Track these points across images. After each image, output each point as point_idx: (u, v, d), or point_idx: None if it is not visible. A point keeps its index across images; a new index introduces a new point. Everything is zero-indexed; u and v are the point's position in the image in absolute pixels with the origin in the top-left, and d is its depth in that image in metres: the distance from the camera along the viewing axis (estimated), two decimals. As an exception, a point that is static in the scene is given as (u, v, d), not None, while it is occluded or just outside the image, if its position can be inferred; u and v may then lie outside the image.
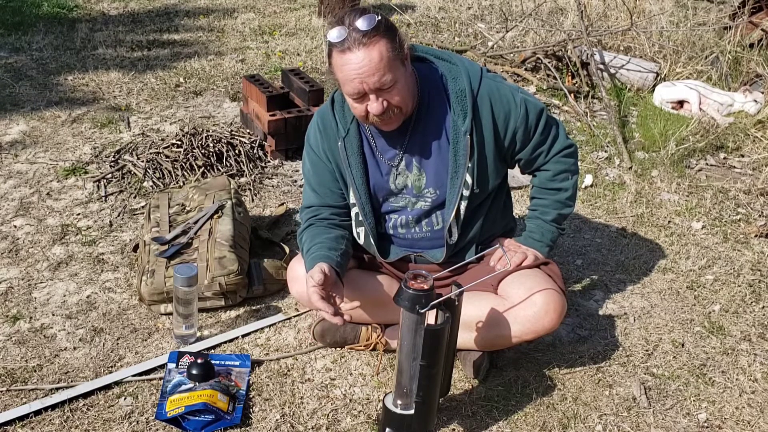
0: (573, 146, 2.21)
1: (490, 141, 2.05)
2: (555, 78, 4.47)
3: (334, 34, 1.83)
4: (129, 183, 3.32)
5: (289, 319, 2.49)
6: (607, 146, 3.83)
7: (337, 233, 2.13)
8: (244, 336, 2.40)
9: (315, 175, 2.16)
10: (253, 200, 3.25)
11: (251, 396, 2.16)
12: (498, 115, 2.04)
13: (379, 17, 1.84)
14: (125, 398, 2.13)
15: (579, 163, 2.45)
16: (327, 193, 2.16)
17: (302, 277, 2.13)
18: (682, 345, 2.45)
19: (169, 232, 2.65)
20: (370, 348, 2.31)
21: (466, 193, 2.05)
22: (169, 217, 2.75)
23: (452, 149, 2.02)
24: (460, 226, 2.11)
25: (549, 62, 4.58)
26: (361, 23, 1.81)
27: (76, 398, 2.11)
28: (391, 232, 2.19)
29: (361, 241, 2.19)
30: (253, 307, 2.55)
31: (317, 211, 2.17)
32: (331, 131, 2.09)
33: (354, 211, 2.15)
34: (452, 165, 2.03)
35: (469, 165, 2.02)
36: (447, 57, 2.06)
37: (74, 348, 2.33)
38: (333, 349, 2.34)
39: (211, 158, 3.44)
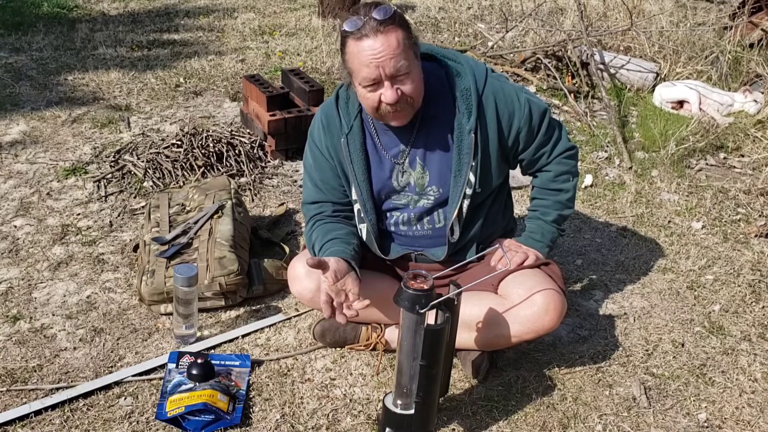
0: (575, 148, 2.22)
1: (494, 140, 2.05)
2: (555, 78, 4.47)
3: (350, 24, 1.85)
4: (129, 183, 3.32)
5: (289, 319, 2.49)
6: (607, 146, 3.83)
7: (349, 229, 2.14)
8: (244, 336, 2.40)
9: (317, 171, 2.16)
10: (253, 200, 3.25)
11: (251, 396, 2.16)
12: (502, 114, 2.04)
13: (394, 9, 1.87)
14: (125, 398, 2.13)
15: (579, 164, 2.45)
16: (329, 189, 2.16)
17: (302, 277, 2.14)
18: (682, 345, 2.45)
19: (169, 232, 2.65)
20: (370, 348, 2.31)
21: (468, 191, 2.05)
22: (169, 217, 2.75)
23: (456, 147, 2.02)
24: (461, 224, 2.11)
25: (549, 62, 4.58)
26: (378, 13, 1.84)
27: (76, 398, 2.11)
28: (392, 228, 2.19)
29: (362, 238, 2.19)
30: (253, 307, 2.55)
31: (322, 207, 2.17)
32: (335, 128, 2.09)
33: (355, 207, 2.15)
34: (456, 163, 2.03)
35: (473, 164, 2.02)
36: (452, 56, 2.07)
37: (74, 348, 2.33)
38: (333, 349, 2.34)
39: (211, 158, 3.44)
